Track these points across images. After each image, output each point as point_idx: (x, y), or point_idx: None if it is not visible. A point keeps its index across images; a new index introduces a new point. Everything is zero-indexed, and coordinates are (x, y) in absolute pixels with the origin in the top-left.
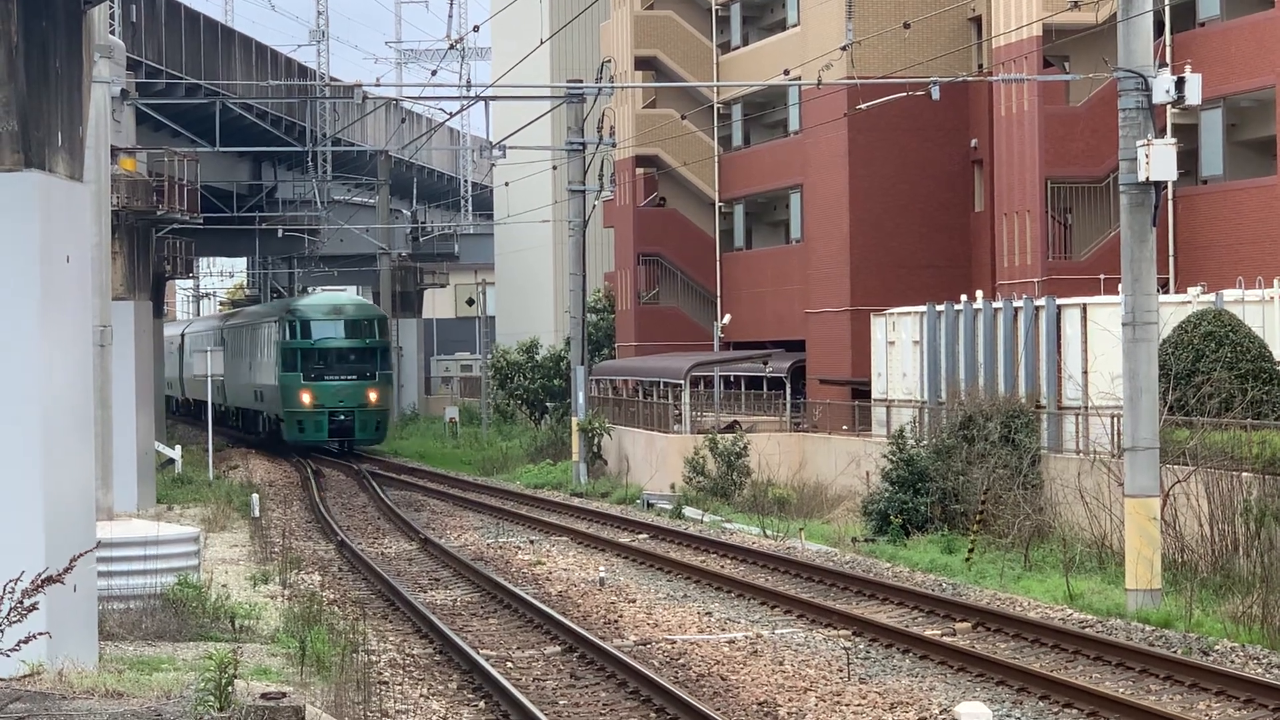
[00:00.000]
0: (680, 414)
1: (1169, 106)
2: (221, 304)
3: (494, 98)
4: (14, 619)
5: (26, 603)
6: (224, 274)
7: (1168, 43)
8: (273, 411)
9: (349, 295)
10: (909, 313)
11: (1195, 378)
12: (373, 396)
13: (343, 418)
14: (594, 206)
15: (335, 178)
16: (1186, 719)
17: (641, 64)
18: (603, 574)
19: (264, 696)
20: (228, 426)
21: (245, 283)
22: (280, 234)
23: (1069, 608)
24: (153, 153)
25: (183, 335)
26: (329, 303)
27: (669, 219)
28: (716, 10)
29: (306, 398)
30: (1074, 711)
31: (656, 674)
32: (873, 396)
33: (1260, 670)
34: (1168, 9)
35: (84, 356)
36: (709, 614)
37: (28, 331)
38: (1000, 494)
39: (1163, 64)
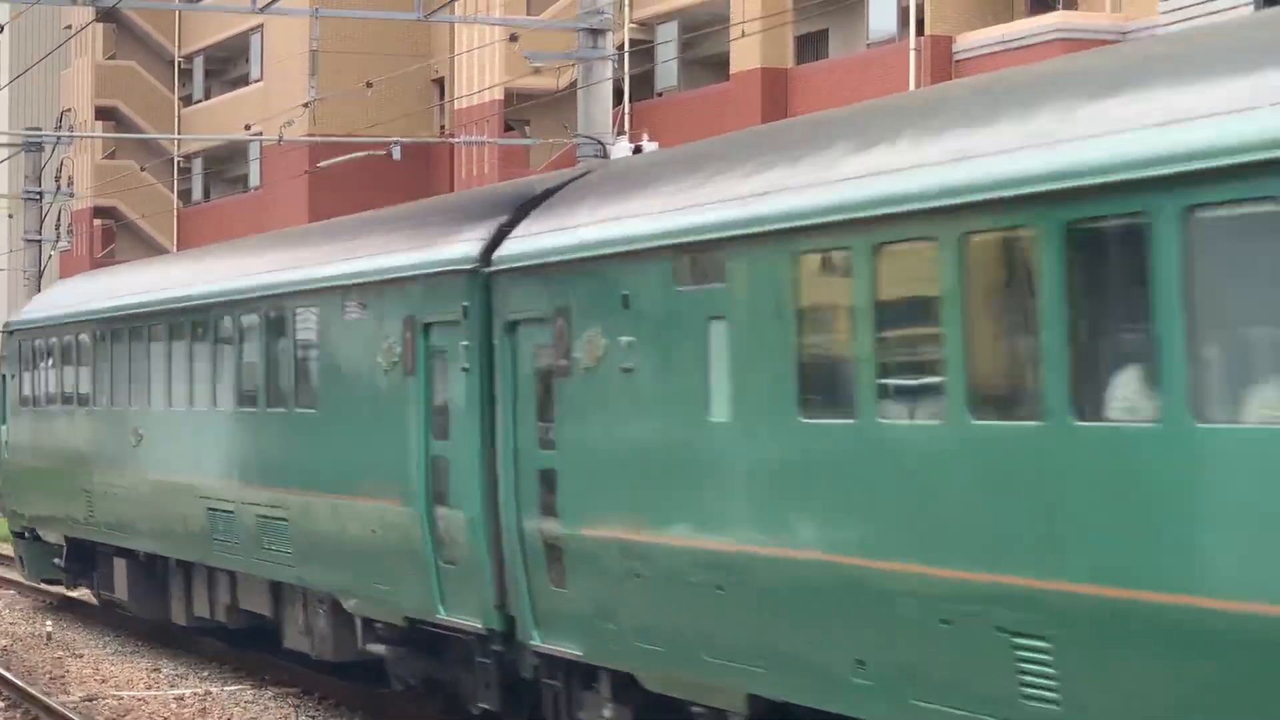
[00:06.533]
0: None
1: None
2: None
3: None
4: None
5: None
6: None
7: (627, 111)
8: None
9: None
10: None
11: None
12: None
13: None
14: (50, 257)
15: None
16: None
17: (103, 114)
18: (49, 628)
19: None
20: None
21: None
22: None
23: None
24: None
25: None
26: None
27: None
28: (180, 63)
29: None
30: None
31: None
32: None
33: None
34: (628, 78)
35: None
36: (158, 670)
37: None
38: None
39: (621, 131)
